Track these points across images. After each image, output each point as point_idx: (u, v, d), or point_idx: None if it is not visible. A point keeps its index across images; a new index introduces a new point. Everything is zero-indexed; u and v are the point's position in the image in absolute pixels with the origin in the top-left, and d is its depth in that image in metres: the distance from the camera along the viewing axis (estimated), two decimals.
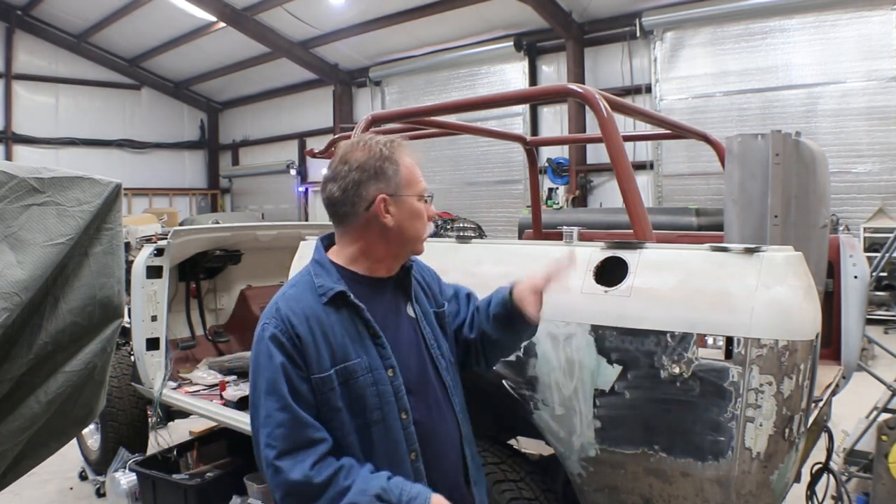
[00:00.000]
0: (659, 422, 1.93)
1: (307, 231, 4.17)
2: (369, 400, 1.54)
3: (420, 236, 1.66)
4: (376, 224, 1.59)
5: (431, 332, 1.73)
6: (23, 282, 1.63)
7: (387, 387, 1.56)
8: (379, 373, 1.56)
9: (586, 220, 5.63)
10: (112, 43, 18.41)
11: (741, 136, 2.57)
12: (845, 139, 10.53)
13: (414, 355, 1.67)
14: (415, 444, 1.59)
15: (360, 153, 1.60)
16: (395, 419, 1.57)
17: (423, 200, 1.65)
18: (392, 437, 1.56)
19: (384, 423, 1.55)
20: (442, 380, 1.70)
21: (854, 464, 3.55)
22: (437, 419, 1.66)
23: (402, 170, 1.60)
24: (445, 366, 1.72)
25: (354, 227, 1.61)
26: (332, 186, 1.61)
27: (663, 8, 11.96)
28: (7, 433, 1.70)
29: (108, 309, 1.88)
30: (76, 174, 1.87)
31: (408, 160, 1.63)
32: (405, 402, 1.58)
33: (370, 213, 1.58)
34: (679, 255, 2.03)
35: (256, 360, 1.54)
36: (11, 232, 1.68)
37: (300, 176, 18.96)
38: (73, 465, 4.66)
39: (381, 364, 1.57)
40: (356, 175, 1.58)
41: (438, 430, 1.66)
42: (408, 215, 1.61)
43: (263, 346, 1.53)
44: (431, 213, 1.68)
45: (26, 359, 1.69)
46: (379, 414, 1.55)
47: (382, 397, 1.55)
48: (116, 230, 1.93)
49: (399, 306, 1.70)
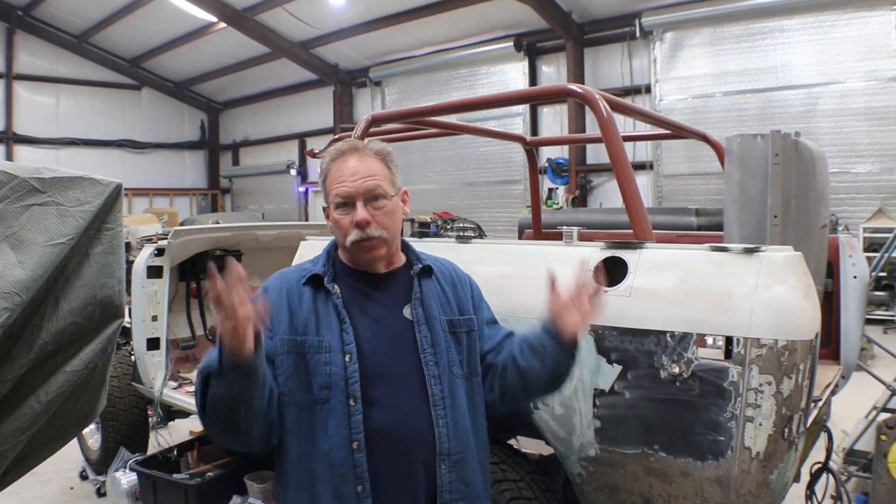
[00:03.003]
0: (659, 421, 1.93)
1: (307, 231, 4.18)
2: (319, 378, 1.61)
3: (343, 243, 1.70)
4: None
5: (431, 336, 1.68)
6: (23, 282, 1.63)
7: (339, 369, 1.61)
8: (335, 355, 1.62)
9: (586, 220, 5.62)
10: (112, 43, 18.42)
11: (741, 136, 2.58)
12: (845, 139, 10.53)
13: (393, 354, 1.65)
14: (359, 434, 1.58)
15: None
16: (342, 403, 1.59)
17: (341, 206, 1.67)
18: (335, 420, 1.59)
19: (329, 403, 1.60)
20: (425, 386, 1.64)
21: (853, 463, 3.56)
22: (404, 422, 1.62)
23: (326, 179, 1.72)
24: (436, 374, 1.65)
25: None
26: None
27: (663, 8, 11.96)
28: (8, 433, 1.70)
29: (109, 309, 1.89)
30: (77, 174, 1.87)
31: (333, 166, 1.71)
32: (356, 389, 1.60)
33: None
34: (679, 255, 2.03)
35: None
36: (12, 232, 1.68)
37: (300, 176, 18.96)
38: (74, 464, 4.66)
39: (339, 347, 1.62)
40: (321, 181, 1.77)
41: (404, 433, 1.62)
42: (333, 223, 1.71)
43: None
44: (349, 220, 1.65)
45: (27, 359, 1.69)
46: (326, 394, 1.61)
47: (332, 377, 1.61)
48: (117, 230, 1.93)
49: (396, 304, 1.71)
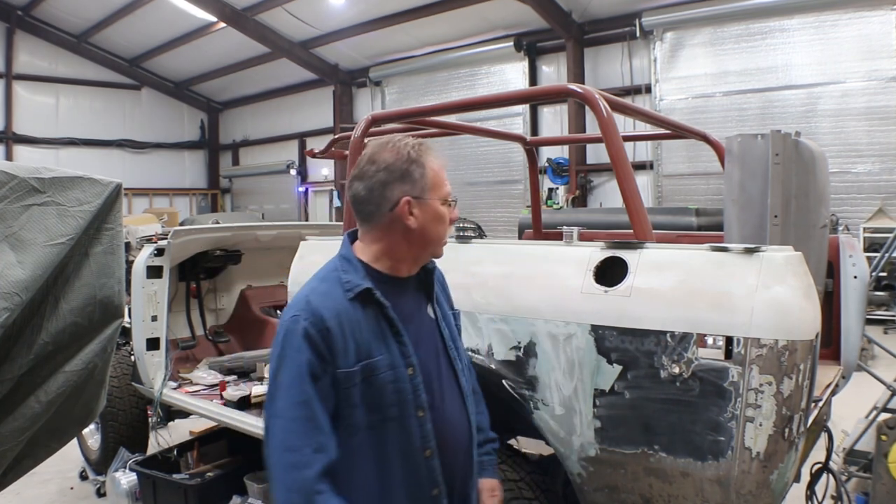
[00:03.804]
0: (659, 422, 1.93)
1: (307, 231, 4.18)
2: (388, 397, 1.56)
3: (441, 239, 1.69)
4: (400, 225, 1.61)
5: (450, 333, 1.76)
6: (23, 282, 1.63)
7: (406, 384, 1.59)
8: (399, 370, 1.58)
9: (586, 220, 5.62)
10: (112, 43, 18.42)
11: (741, 136, 2.57)
12: (845, 139, 10.53)
13: (433, 355, 1.69)
14: (430, 442, 1.60)
15: (388, 154, 1.62)
16: (412, 416, 1.58)
17: (447, 204, 1.67)
18: (407, 435, 1.58)
19: (400, 420, 1.57)
20: (458, 381, 1.73)
21: (854, 463, 3.56)
22: (452, 419, 1.69)
23: (428, 173, 1.63)
24: (461, 368, 1.75)
25: (378, 226, 1.63)
26: (359, 185, 1.63)
27: (663, 8, 11.96)
28: (8, 433, 1.70)
29: (109, 309, 1.89)
30: (76, 174, 1.87)
31: (435, 164, 1.66)
32: (423, 399, 1.60)
33: (394, 213, 1.60)
34: (679, 255, 2.03)
35: (282, 352, 1.53)
36: (12, 232, 1.68)
37: (300, 176, 18.97)
38: (74, 464, 4.66)
39: (402, 362, 1.59)
40: (383, 175, 1.60)
41: (453, 429, 1.68)
42: (431, 218, 1.63)
43: (294, 339, 1.52)
44: (454, 216, 1.72)
45: (27, 359, 1.69)
46: (396, 410, 1.57)
47: (401, 394, 1.58)
48: (117, 230, 1.94)
49: (420, 306, 1.73)
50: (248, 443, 3.73)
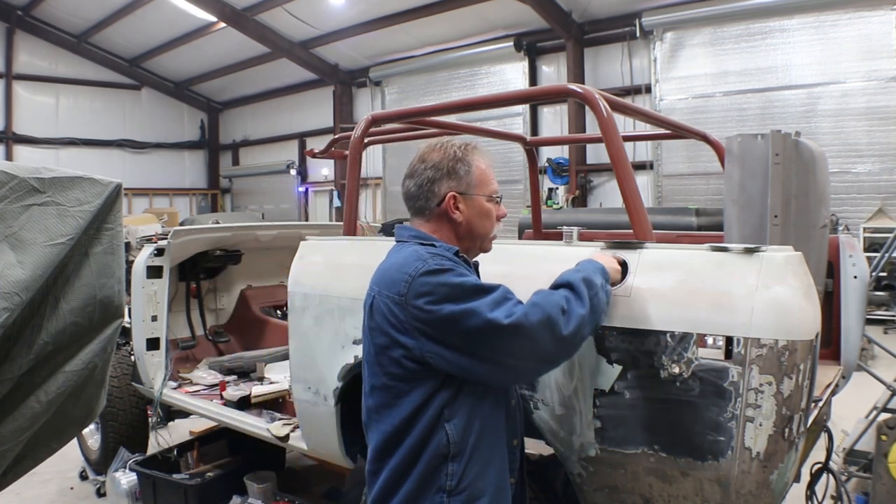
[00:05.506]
0: (659, 422, 1.93)
1: (307, 231, 4.18)
2: None
3: (488, 234, 1.82)
4: (447, 219, 1.75)
5: None
6: (23, 282, 1.63)
7: None
8: None
9: (586, 220, 5.61)
10: (112, 43, 18.42)
11: (741, 136, 2.57)
12: (845, 139, 10.53)
13: None
14: (516, 431, 1.80)
15: (436, 154, 1.78)
16: (507, 400, 1.77)
17: (493, 201, 1.80)
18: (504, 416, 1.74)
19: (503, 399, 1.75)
20: None
21: (854, 463, 3.56)
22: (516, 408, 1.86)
23: (473, 170, 1.77)
24: None
25: (428, 220, 1.77)
26: (410, 182, 1.79)
27: (663, 8, 11.96)
28: (8, 433, 1.70)
29: (109, 309, 1.89)
30: (76, 174, 1.87)
31: (481, 162, 1.80)
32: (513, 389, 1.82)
33: (441, 208, 1.74)
34: (679, 255, 2.03)
35: (453, 284, 1.56)
36: (12, 232, 1.68)
37: (300, 176, 18.97)
38: (74, 464, 4.66)
39: None
40: (430, 173, 1.75)
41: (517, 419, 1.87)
42: (476, 213, 1.77)
43: (453, 275, 1.57)
44: (501, 213, 1.84)
45: (27, 359, 1.69)
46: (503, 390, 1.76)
47: None
48: (117, 230, 1.94)
49: None
50: (248, 443, 3.73)
